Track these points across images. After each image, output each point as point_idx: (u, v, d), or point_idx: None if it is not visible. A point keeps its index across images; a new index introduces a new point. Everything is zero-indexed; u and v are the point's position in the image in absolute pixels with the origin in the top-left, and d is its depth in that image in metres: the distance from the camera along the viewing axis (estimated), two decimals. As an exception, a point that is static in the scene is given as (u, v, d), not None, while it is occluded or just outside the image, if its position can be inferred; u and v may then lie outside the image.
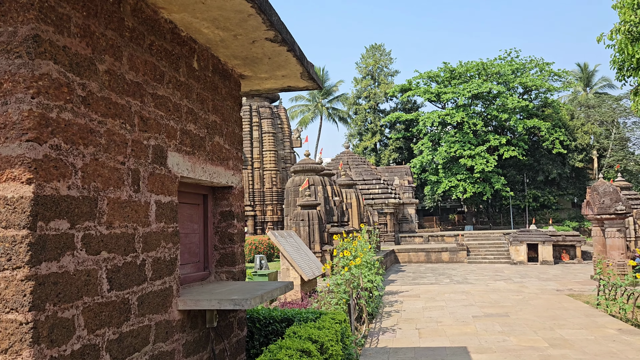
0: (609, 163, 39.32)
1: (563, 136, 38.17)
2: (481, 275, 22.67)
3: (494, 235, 32.98)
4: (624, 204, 19.35)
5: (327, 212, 18.37)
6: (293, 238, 10.59)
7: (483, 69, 39.81)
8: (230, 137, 4.66)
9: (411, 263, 28.97)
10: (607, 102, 42.75)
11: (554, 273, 23.08)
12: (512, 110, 38.74)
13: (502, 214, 45.51)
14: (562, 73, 41.06)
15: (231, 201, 4.53)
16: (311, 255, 10.88)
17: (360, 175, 35.95)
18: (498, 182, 37.58)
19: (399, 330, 8.86)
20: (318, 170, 19.38)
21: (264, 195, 39.25)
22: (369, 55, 49.92)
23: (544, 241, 27.33)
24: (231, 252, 4.45)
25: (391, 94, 45.81)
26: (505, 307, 11.21)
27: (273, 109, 41.16)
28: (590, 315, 9.85)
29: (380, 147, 50.21)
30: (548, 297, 12.68)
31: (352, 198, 24.91)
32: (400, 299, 12.70)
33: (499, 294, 13.32)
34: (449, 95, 38.48)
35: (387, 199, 33.49)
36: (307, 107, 58.00)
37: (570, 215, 41.10)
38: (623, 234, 19.38)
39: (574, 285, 18.85)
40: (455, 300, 12.48)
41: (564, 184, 41.80)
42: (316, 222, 16.73)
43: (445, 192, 39.41)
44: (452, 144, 38.11)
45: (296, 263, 9.34)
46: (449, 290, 14.55)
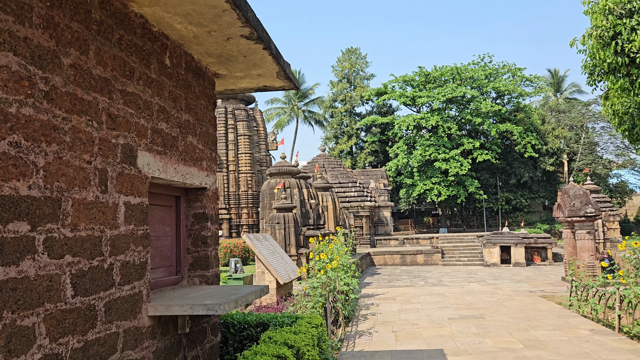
0: (578, 167, 40.27)
1: (535, 140, 38.92)
2: (455, 277, 22.86)
3: (468, 238, 33.36)
4: (593, 207, 19.78)
5: (303, 214, 18.26)
6: (268, 241, 10.45)
7: (457, 73, 40.33)
8: (204, 137, 4.52)
9: (387, 265, 29.05)
10: (576, 107, 43.84)
11: (526, 274, 23.44)
12: (486, 114, 39.33)
13: (476, 217, 46.13)
14: (533, 78, 41.92)
15: (205, 203, 4.38)
16: (287, 258, 10.74)
17: (336, 178, 35.96)
18: (472, 185, 38.07)
19: (376, 334, 8.81)
20: (294, 173, 19.26)
21: (240, 198, 38.91)
22: (345, 59, 50.06)
23: (516, 243, 27.76)
24: (205, 256, 4.30)
25: (367, 97, 46.02)
26: (480, 309, 11.24)
27: (249, 111, 40.89)
28: (563, 316, 9.94)
29: (356, 150, 50.37)
30: (522, 298, 12.77)
31: (328, 201, 24.86)
32: (376, 301, 12.62)
33: (474, 296, 13.36)
34: (424, 99, 38.86)
35: (363, 201, 33.57)
36: (283, 109, 57.83)
37: (541, 218, 41.92)
38: (592, 236, 19.80)
39: (545, 287, 19.16)
40: (431, 302, 12.47)
41: (535, 187, 42.62)
42: (292, 225, 16.60)
43: (420, 195, 39.73)
44: (427, 147, 38.46)
45: (272, 266, 9.20)
46: (424, 292, 14.53)
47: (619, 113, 7.86)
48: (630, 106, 7.49)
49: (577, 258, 20.23)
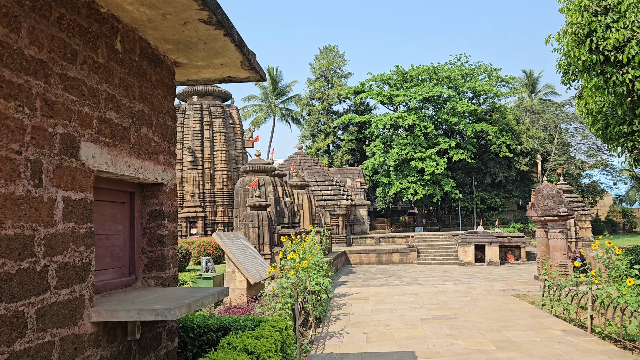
0: (552, 167, 40.86)
1: (509, 140, 39.34)
2: (430, 276, 22.86)
3: (443, 237, 33.50)
4: (566, 207, 19.97)
5: (277, 213, 17.97)
6: (240, 240, 10.14)
7: (434, 72, 40.50)
8: (161, 129, 4.20)
9: (362, 264, 28.95)
10: (550, 108, 44.50)
11: (500, 273, 23.59)
12: (462, 114, 39.59)
13: (451, 216, 46.46)
14: (509, 79, 42.38)
15: (162, 199, 4.07)
16: (259, 257, 10.46)
17: (312, 176, 35.72)
18: (447, 185, 38.27)
19: (347, 335, 8.62)
20: (269, 171, 18.96)
21: (215, 196, 38.37)
22: (322, 57, 49.84)
23: (490, 242, 27.95)
24: (161, 256, 4.00)
25: (344, 95, 45.90)
26: (453, 309, 11.15)
27: (225, 108, 40.35)
28: (536, 316, 9.90)
29: (333, 148, 50.21)
30: (495, 298, 12.68)
31: (303, 199, 24.61)
32: (349, 301, 12.39)
33: (448, 296, 13.23)
34: (401, 98, 38.90)
35: (339, 200, 33.41)
36: (260, 107, 57.30)
37: (515, 217, 42.43)
38: (565, 236, 19.99)
39: (519, 285, 19.27)
40: (405, 302, 12.29)
41: (510, 187, 43.11)
42: (266, 224, 16.31)
43: (397, 193, 39.79)
44: (403, 146, 38.51)
45: (242, 266, 8.91)
46: (398, 292, 14.32)
47: (592, 112, 7.78)
48: (604, 105, 7.43)
49: (550, 257, 20.41)
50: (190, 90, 40.15)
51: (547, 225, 20.66)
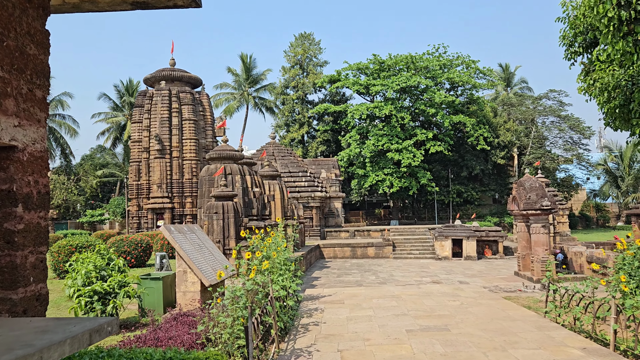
0: (528, 160, 40.39)
1: (487, 133, 38.64)
2: (407, 271, 21.90)
3: (420, 231, 32.62)
4: (549, 200, 19.11)
5: (245, 204, 16.55)
6: (195, 233, 8.75)
7: (412, 62, 39.45)
8: (11, 58, 2.64)
9: (336, 258, 27.83)
10: (527, 101, 44.01)
11: (478, 269, 22.77)
12: (439, 105, 38.69)
13: (427, 209, 45.72)
14: (487, 71, 41.64)
15: (12, 173, 2.55)
16: (218, 254, 9.08)
17: (286, 167, 34.33)
18: (424, 177, 37.39)
19: (317, 354, 7.04)
20: (237, 158, 17.50)
21: (183, 187, 36.63)
22: (297, 44, 48.28)
23: (468, 236, 27.15)
24: (10, 265, 2.50)
25: (320, 84, 44.50)
26: (443, 317, 9.69)
27: (195, 95, 38.51)
28: (543, 328, 8.44)
29: (307, 139, 48.82)
30: (488, 302, 11.20)
31: (275, 190, 23.22)
32: (321, 305, 10.83)
33: (434, 299, 11.83)
34: (378, 88, 37.73)
35: (314, 192, 32.15)
36: (233, 95, 55.39)
37: (491, 211, 41.91)
38: (548, 230, 19.16)
39: (499, 282, 18.38)
40: (385, 307, 10.81)
41: (486, 180, 42.54)
42: (232, 215, 14.90)
43: (372, 186, 38.74)
44: (380, 137, 37.41)
45: (196, 265, 7.55)
46: (377, 294, 12.84)
47: (608, 87, 6.62)
48: (623, 78, 6.30)
49: (531, 252, 19.57)
50: (159, 75, 38.17)
51: (529, 219, 19.80)
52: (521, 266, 20.40)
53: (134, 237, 19.65)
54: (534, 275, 18.88)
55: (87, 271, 7.35)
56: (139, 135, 36.88)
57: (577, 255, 20.36)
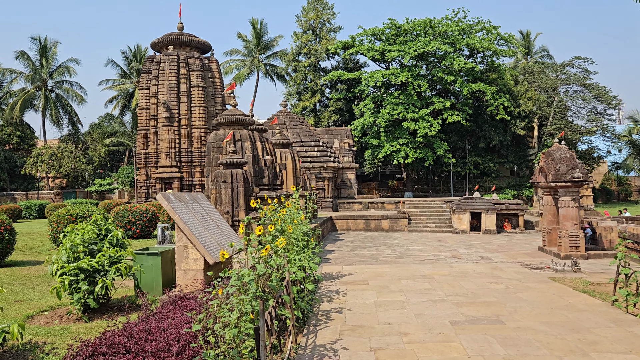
0: (549, 131, 38.74)
1: (507, 102, 36.96)
2: (424, 245, 20.92)
3: (436, 203, 31.50)
4: (581, 171, 17.85)
5: (256, 172, 15.50)
6: (199, 203, 7.71)
7: (430, 27, 37.57)
8: None
9: (349, 231, 26.90)
10: (548, 70, 42.02)
11: (499, 243, 21.72)
12: (458, 72, 36.96)
13: (442, 181, 44.46)
14: (508, 37, 39.62)
15: None
16: (225, 227, 8.04)
17: (297, 136, 33.14)
18: (440, 148, 36.02)
19: (344, 353, 5.73)
20: (247, 124, 16.35)
21: (192, 156, 35.68)
22: (310, 8, 46.34)
23: (487, 210, 26.01)
24: None
25: (333, 50, 42.77)
26: (491, 306, 8.13)
27: (204, 61, 37.13)
28: (621, 322, 6.87)
29: (320, 107, 47.37)
30: (538, 286, 9.67)
31: (287, 159, 22.15)
32: (342, 287, 9.47)
33: (472, 281, 10.31)
34: (394, 54, 36.01)
35: (326, 162, 31.02)
36: (243, 62, 53.77)
37: (509, 184, 40.56)
38: (577, 204, 17.97)
39: (524, 258, 17.34)
40: (417, 290, 9.30)
41: (504, 152, 41.03)
42: (241, 184, 13.87)
43: (387, 156, 37.46)
44: (395, 106, 35.92)
45: (198, 239, 6.54)
46: (405, 274, 11.24)
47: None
48: None
49: (559, 227, 18.41)
50: (166, 40, 36.80)
51: (557, 191, 18.58)
52: (547, 241, 19.28)
53: (139, 207, 18.76)
54: (561, 251, 17.79)
55: (74, 245, 6.35)
56: (147, 102, 35.77)
57: (607, 230, 19.17)
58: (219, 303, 3.73)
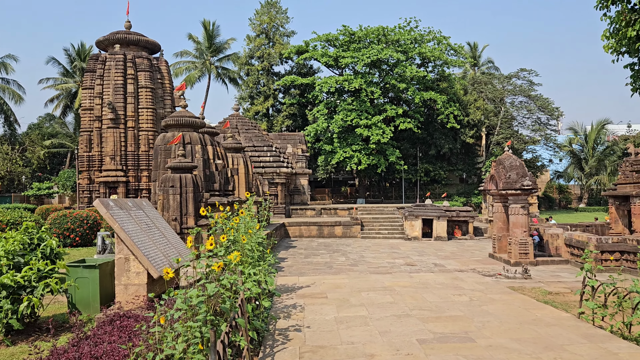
0: (496, 140, 39.86)
1: (457, 111, 37.74)
2: (378, 252, 20.79)
3: (388, 210, 31.60)
4: (530, 179, 18.22)
5: (206, 177, 14.82)
6: (143, 210, 7.05)
7: (383, 35, 37.87)
8: None
9: (302, 237, 26.47)
10: (495, 81, 43.32)
11: (450, 250, 21.90)
12: (410, 80, 37.43)
13: (394, 188, 44.85)
14: (458, 48, 40.54)
15: None
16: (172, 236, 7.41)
17: (250, 140, 32.45)
18: (393, 155, 36.26)
19: None
20: (197, 126, 15.64)
21: (139, 159, 34.20)
22: (263, 12, 45.79)
23: (439, 216, 26.25)
24: None
25: (287, 55, 42.37)
26: (458, 320, 7.66)
27: (152, 61, 35.78)
28: (592, 338, 6.54)
29: (273, 112, 46.78)
30: (502, 298, 9.30)
31: (239, 164, 21.49)
32: (299, 301, 8.88)
33: (435, 293, 9.85)
34: (348, 60, 36.03)
35: (279, 167, 30.50)
36: (194, 64, 52.40)
37: (458, 191, 41.38)
38: (527, 211, 18.34)
39: (476, 265, 17.48)
40: (380, 304, 8.76)
41: (454, 160, 41.87)
42: (191, 190, 13.17)
43: (340, 162, 37.35)
44: (348, 112, 35.90)
45: (141, 251, 5.92)
46: (365, 285, 10.72)
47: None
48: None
49: (509, 234, 18.72)
50: (112, 38, 35.23)
51: (507, 199, 18.91)
52: (497, 248, 19.58)
53: (80, 213, 17.58)
54: (511, 258, 18.08)
55: (-5, 258, 5.58)
56: (91, 102, 34.06)
57: (553, 237, 19.68)
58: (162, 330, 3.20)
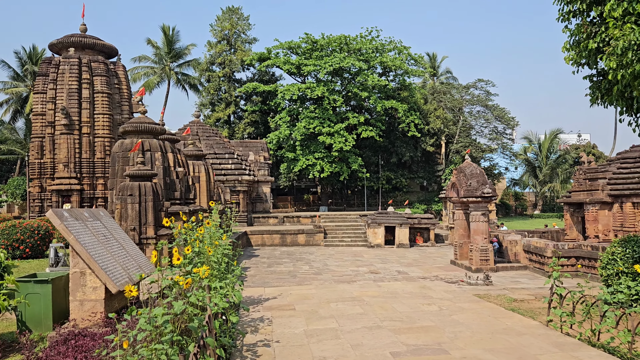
0: (456, 149, 40.69)
1: (418, 120, 38.34)
2: (341, 260, 20.73)
3: (351, 217, 31.66)
4: (490, 187, 18.59)
5: (167, 185, 14.37)
6: (100, 220, 6.68)
7: (345, 43, 38.14)
8: None
9: (265, 246, 26.12)
10: (453, 91, 44.34)
11: (412, 257, 22.07)
12: (372, 89, 37.80)
13: (356, 195, 45.06)
14: (418, 58, 41.29)
15: None
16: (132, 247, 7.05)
17: (211, 148, 31.89)
18: (355, 163, 36.43)
19: None
20: (157, 133, 15.18)
21: (95, 167, 33.03)
22: (225, 18, 45.34)
23: (401, 224, 26.46)
24: None
25: (248, 62, 42.04)
26: (430, 331, 7.50)
27: (109, 66, 34.74)
28: (563, 346, 6.49)
29: (234, 119, 46.25)
30: (471, 306, 9.20)
31: (200, 171, 21.04)
32: (267, 313, 8.53)
33: (404, 303, 9.67)
34: (310, 68, 36.07)
35: (241, 175, 30.08)
36: (153, 69, 51.24)
37: (419, 198, 41.95)
38: (487, 218, 18.66)
39: (438, 272, 17.64)
40: (350, 316, 8.50)
41: (415, 167, 42.47)
42: (150, 198, 12.72)
43: (302, 170, 37.23)
44: (311, 119, 35.88)
45: (98, 264, 5.56)
46: (333, 296, 10.39)
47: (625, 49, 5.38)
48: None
49: (470, 241, 19.01)
50: (67, 41, 34.00)
51: (468, 207, 19.21)
52: (458, 255, 19.84)
53: (30, 223, 16.71)
54: (472, 264, 18.32)
55: None
56: (43, 107, 32.69)
57: (512, 243, 20.10)
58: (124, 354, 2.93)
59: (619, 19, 5.67)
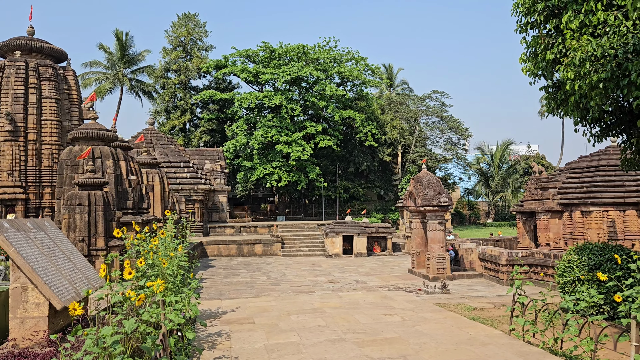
0: (412, 158, 41.35)
1: (375, 129, 38.74)
2: (299, 270, 20.50)
3: (308, 227, 31.50)
4: (447, 196, 18.84)
5: (118, 194, 13.79)
6: (46, 232, 6.22)
7: (303, 52, 38.20)
8: None
9: (221, 257, 25.56)
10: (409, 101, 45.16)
11: (370, 266, 22.09)
12: (329, 98, 37.96)
13: (314, 205, 44.97)
14: (375, 69, 41.86)
15: None
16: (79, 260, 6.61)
17: (166, 156, 31.07)
18: (313, 172, 36.37)
19: None
20: (109, 139, 14.59)
21: (41, 175, 31.48)
22: (180, 25, 44.56)
23: (359, 233, 26.50)
24: None
25: (205, 69, 41.41)
26: (394, 343, 7.31)
27: (58, 70, 33.32)
28: (529, 356, 6.42)
29: (190, 127, 45.35)
30: (432, 316, 9.14)
31: (155, 180, 20.41)
32: (225, 327, 8.18)
33: (366, 314, 9.48)
34: (268, 76, 35.88)
35: (197, 184, 29.42)
36: (105, 75, 49.66)
37: (376, 207, 42.29)
38: (444, 227, 18.88)
39: (397, 281, 17.69)
40: (311, 328, 8.27)
41: (372, 177, 42.82)
42: (101, 208, 12.15)
43: (260, 179, 36.84)
44: (269, 128, 35.62)
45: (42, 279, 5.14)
46: (293, 308, 10.10)
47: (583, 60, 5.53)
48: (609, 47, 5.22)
49: (427, 250, 19.19)
50: (13, 44, 32.38)
51: (425, 216, 19.41)
52: (416, 263, 19.98)
53: (-32, 235, 15.64)
54: (429, 273, 18.47)
55: None
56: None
57: (467, 252, 20.42)
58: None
59: (576, 30, 5.85)
